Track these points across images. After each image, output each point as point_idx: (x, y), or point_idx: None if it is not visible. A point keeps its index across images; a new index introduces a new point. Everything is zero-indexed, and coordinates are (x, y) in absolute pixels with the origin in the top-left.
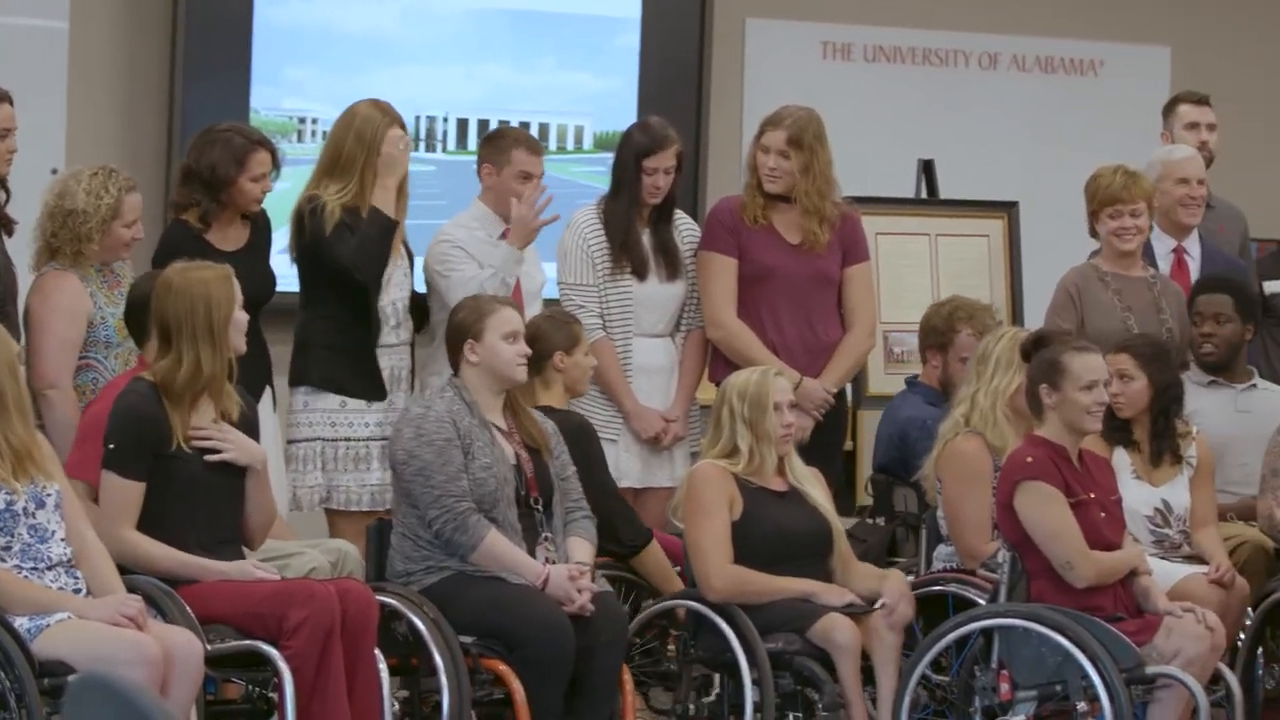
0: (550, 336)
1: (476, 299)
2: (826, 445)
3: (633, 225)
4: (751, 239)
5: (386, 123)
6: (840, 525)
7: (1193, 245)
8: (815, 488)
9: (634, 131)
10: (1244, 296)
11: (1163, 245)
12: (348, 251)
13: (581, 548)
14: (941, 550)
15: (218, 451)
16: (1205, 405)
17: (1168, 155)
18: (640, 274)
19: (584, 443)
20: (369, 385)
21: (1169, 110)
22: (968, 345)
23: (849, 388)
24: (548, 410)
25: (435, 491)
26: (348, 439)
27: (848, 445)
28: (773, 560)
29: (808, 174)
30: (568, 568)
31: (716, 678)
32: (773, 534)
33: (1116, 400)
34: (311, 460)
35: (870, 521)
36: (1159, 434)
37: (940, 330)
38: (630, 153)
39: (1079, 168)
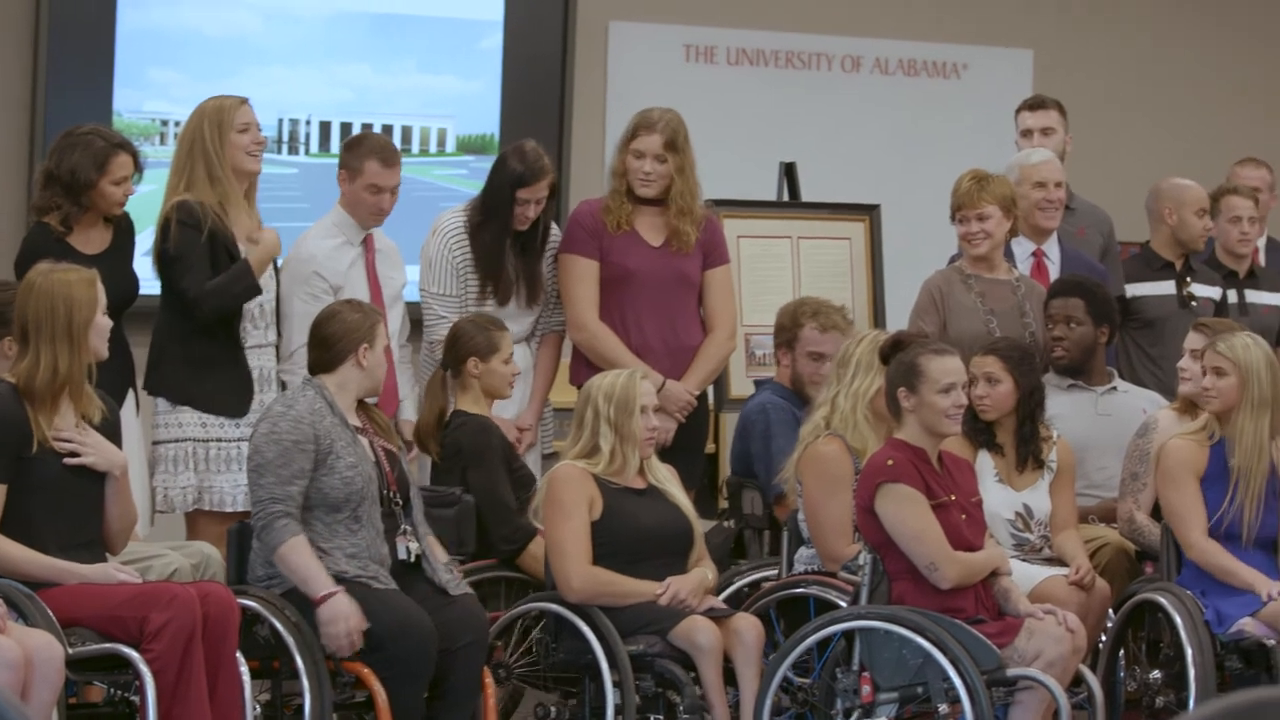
0: (469, 340)
1: (360, 304)
2: (688, 447)
3: (502, 253)
4: (613, 241)
5: (234, 103)
6: (699, 524)
7: (1052, 248)
8: (674, 486)
9: (510, 159)
10: (1096, 299)
11: (1022, 249)
12: (200, 288)
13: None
14: (803, 553)
15: (78, 455)
16: (1065, 408)
17: (1025, 159)
18: (503, 300)
19: (481, 441)
20: (229, 400)
21: (1016, 115)
22: (812, 340)
23: (711, 390)
24: (460, 414)
25: (261, 492)
26: (219, 439)
27: (710, 448)
28: (634, 559)
29: (683, 175)
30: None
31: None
32: (634, 533)
33: (982, 403)
34: (184, 461)
35: (726, 524)
36: (1024, 438)
37: (786, 328)
38: (504, 180)
39: (941, 170)
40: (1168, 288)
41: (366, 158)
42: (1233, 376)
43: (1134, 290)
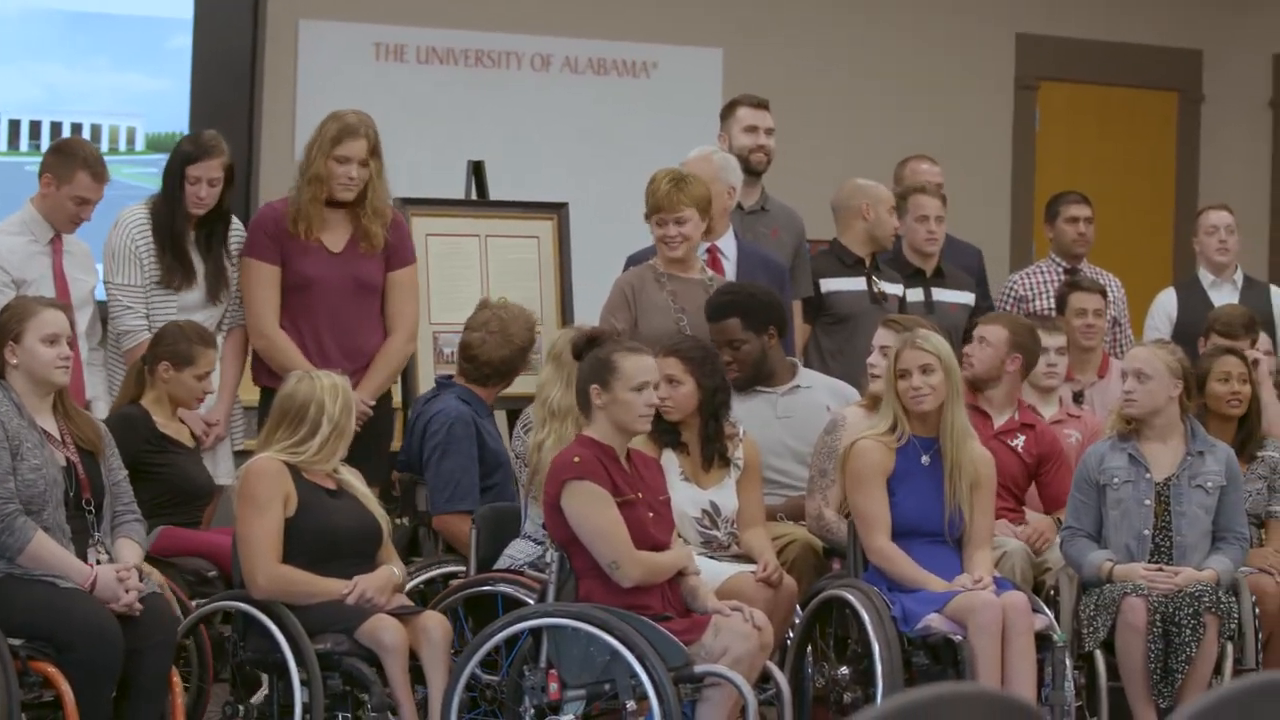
0: (170, 345)
1: (22, 299)
2: (371, 449)
3: (181, 235)
4: (294, 247)
5: None
6: (388, 523)
7: (728, 244)
8: (361, 485)
9: (183, 140)
10: (751, 311)
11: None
12: None
13: (129, 549)
14: (517, 544)
15: None
16: (747, 412)
17: (687, 157)
18: (186, 287)
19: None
20: None
21: (728, 112)
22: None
23: (399, 388)
24: (128, 407)
25: None
26: None
27: (396, 446)
28: (325, 558)
29: (380, 178)
30: (115, 568)
31: (265, 678)
32: (326, 532)
33: (665, 404)
34: None
35: (399, 522)
36: (709, 437)
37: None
38: (177, 160)
39: (631, 168)
40: (859, 284)
41: (79, 169)
42: (939, 371)
43: (827, 286)
